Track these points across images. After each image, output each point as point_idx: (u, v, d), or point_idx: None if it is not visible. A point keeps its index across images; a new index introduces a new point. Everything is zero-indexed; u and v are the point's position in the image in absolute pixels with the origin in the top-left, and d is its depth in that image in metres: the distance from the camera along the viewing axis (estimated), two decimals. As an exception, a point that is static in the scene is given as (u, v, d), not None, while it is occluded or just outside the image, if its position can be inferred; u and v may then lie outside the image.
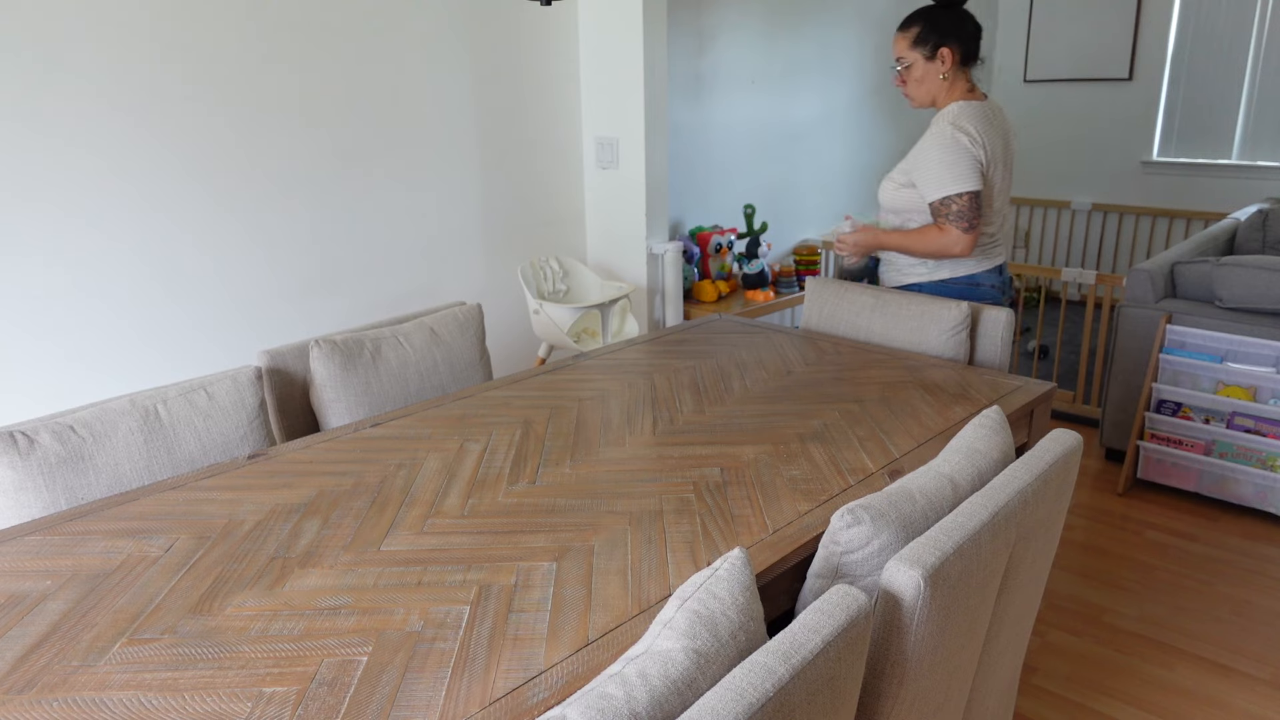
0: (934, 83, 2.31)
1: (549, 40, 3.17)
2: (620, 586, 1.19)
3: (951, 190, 2.17)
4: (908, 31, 2.29)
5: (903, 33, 2.30)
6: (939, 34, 2.26)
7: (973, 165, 2.17)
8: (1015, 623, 1.41)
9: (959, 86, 2.29)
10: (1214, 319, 3.03)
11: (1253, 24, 4.86)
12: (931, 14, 2.27)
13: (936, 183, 2.19)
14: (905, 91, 2.36)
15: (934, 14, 2.27)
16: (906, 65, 2.31)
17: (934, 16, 2.27)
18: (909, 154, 2.31)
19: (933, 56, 2.27)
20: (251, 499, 1.46)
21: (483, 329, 2.20)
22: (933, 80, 2.30)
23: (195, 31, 2.31)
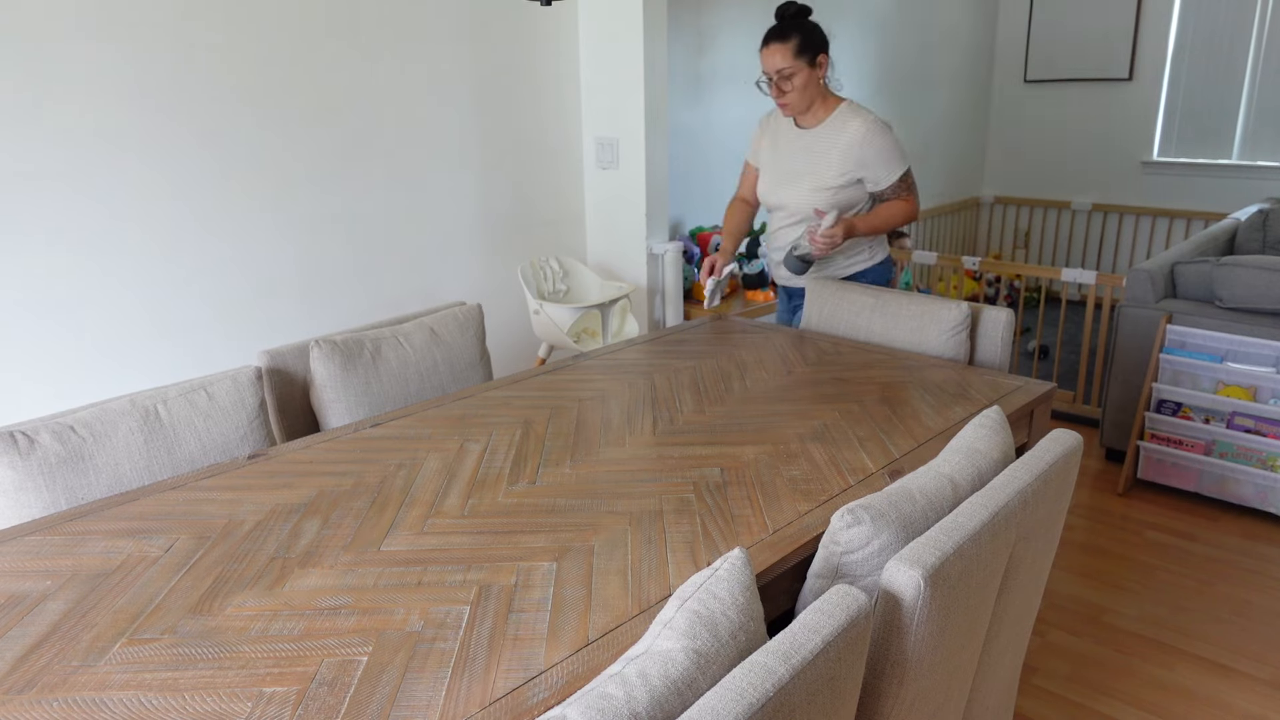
0: (815, 89, 2.38)
1: (549, 40, 3.17)
2: (620, 586, 1.19)
3: (902, 168, 2.39)
4: (787, 42, 2.30)
5: (781, 44, 2.30)
6: (816, 42, 2.32)
7: (902, 146, 2.42)
8: (1015, 623, 1.41)
9: (827, 89, 2.43)
10: (1214, 319, 3.03)
11: (1253, 24, 4.86)
12: (803, 24, 2.31)
13: (890, 167, 2.37)
14: (783, 100, 2.37)
15: (805, 24, 2.31)
16: (788, 75, 2.32)
17: (806, 26, 2.31)
18: (832, 159, 2.38)
19: (814, 64, 2.33)
20: (251, 499, 1.46)
21: (483, 329, 2.20)
22: (814, 87, 2.37)
23: (201, 31, 2.31)
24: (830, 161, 2.39)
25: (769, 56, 2.33)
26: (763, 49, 2.34)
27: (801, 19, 2.33)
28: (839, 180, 2.39)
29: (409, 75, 2.78)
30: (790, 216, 2.50)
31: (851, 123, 2.37)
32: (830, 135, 2.40)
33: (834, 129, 2.39)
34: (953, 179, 5.69)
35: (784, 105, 2.39)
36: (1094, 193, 5.61)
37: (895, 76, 4.90)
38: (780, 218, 2.54)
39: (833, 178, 2.39)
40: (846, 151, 2.37)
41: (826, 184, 2.40)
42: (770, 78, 2.35)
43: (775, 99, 2.39)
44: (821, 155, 2.40)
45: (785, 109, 2.41)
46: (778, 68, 2.32)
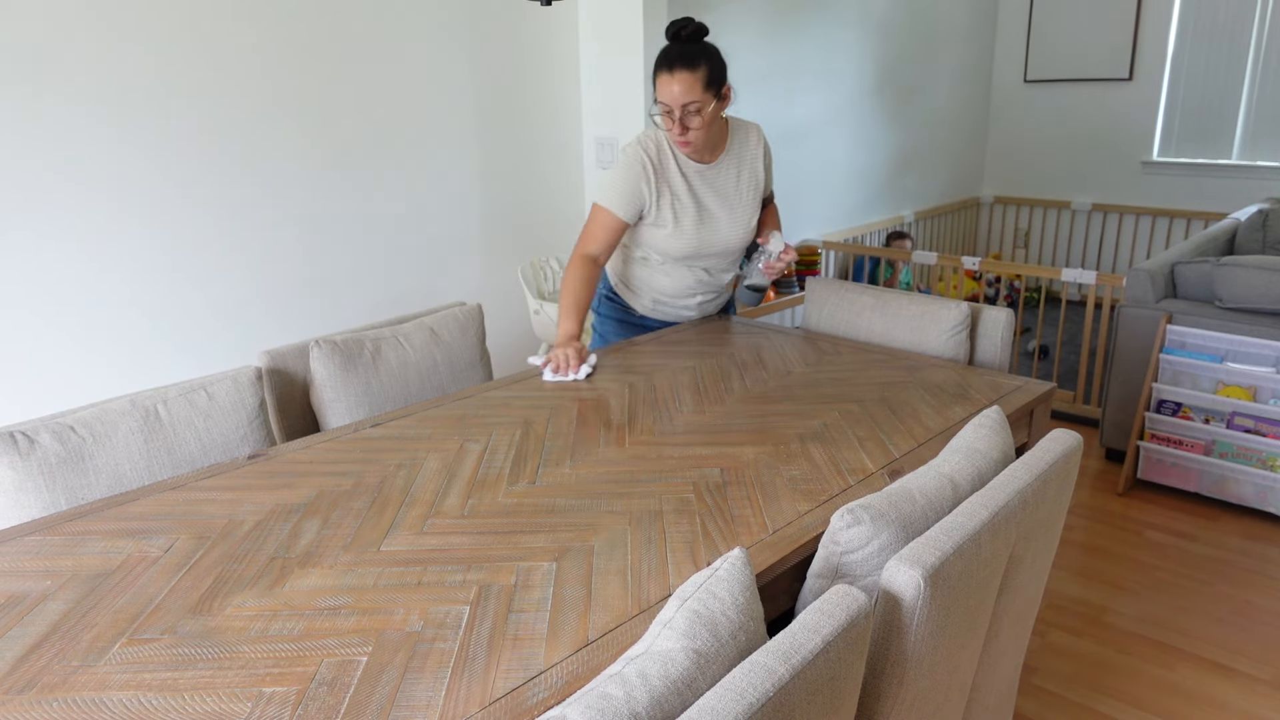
0: (720, 122, 2.12)
1: (549, 40, 3.17)
2: (620, 586, 1.19)
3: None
4: (696, 71, 1.95)
5: (689, 73, 1.95)
6: (723, 70, 2.02)
7: None
8: (1015, 623, 1.41)
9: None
10: (1214, 319, 3.03)
11: (1253, 24, 4.86)
12: (709, 49, 1.99)
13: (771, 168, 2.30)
14: (686, 139, 2.03)
15: (710, 49, 2.00)
16: (696, 110, 1.99)
17: (711, 52, 1.99)
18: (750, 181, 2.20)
19: (720, 96, 2.03)
20: (251, 499, 1.46)
21: (483, 329, 2.20)
22: (715, 124, 2.07)
23: (203, 31, 2.31)
24: (752, 184, 2.21)
25: (672, 84, 1.96)
26: (662, 75, 1.97)
27: (704, 41, 2.01)
28: (762, 197, 2.25)
29: (409, 76, 2.78)
30: (722, 260, 2.27)
31: (750, 135, 2.20)
32: (738, 158, 2.19)
33: (738, 151, 2.19)
34: (953, 179, 5.69)
35: (685, 144, 2.05)
36: (1094, 193, 5.61)
37: (895, 76, 4.90)
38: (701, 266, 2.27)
39: (757, 199, 2.23)
40: (755, 166, 2.21)
41: (756, 208, 2.23)
42: (670, 109, 1.99)
43: (676, 136, 2.03)
44: (744, 183, 2.20)
45: (686, 148, 2.07)
46: (684, 101, 1.97)
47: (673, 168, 2.13)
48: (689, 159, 2.14)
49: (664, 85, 1.97)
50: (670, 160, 2.13)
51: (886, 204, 5.12)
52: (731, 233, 2.21)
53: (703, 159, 2.15)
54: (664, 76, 1.97)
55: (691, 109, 1.98)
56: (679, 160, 2.13)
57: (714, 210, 2.18)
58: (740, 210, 2.20)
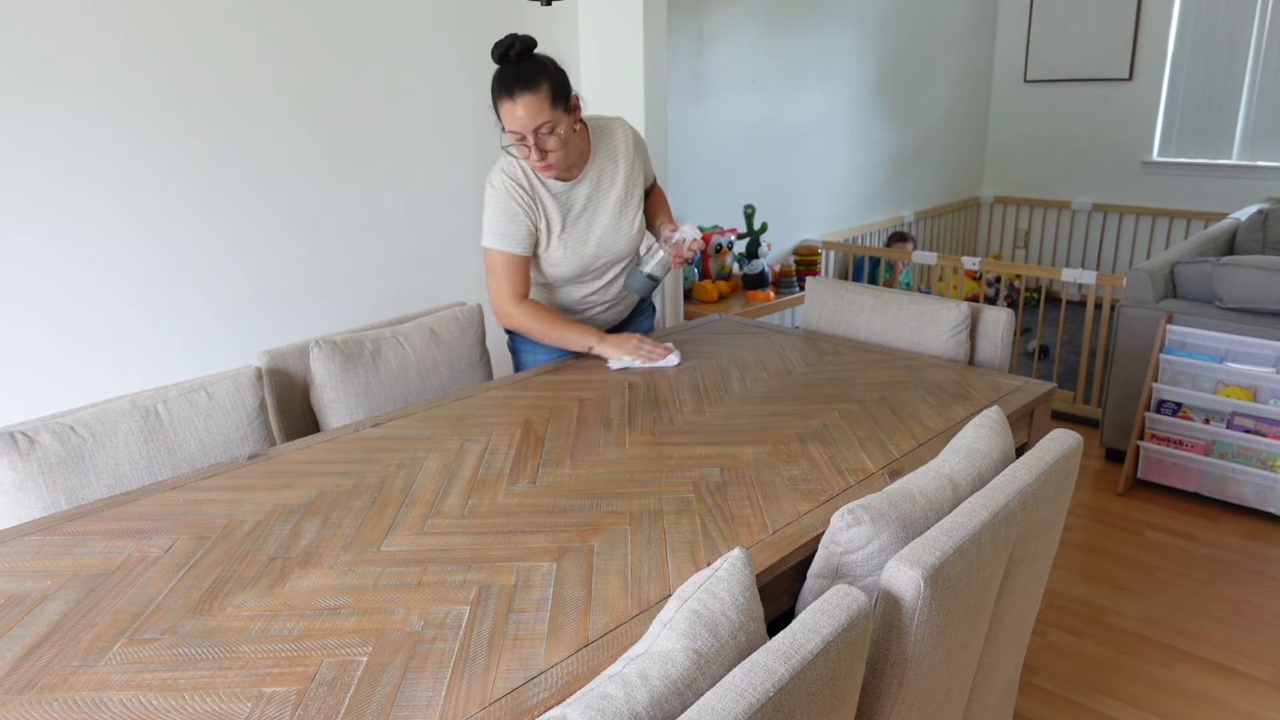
0: (574, 141, 1.97)
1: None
2: (620, 586, 1.19)
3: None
4: (538, 91, 1.82)
5: (531, 94, 1.82)
6: (565, 81, 1.91)
7: None
8: (1015, 623, 1.41)
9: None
10: (1214, 319, 3.03)
11: (1253, 24, 4.86)
12: (544, 64, 1.87)
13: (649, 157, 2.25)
14: (547, 163, 1.91)
15: (545, 63, 1.87)
16: (550, 130, 1.86)
17: (548, 66, 1.88)
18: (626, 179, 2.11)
19: (569, 109, 1.91)
20: (251, 499, 1.46)
21: (483, 329, 2.20)
22: (572, 139, 1.95)
23: (203, 31, 2.31)
24: (630, 182, 2.11)
25: (517, 111, 1.82)
26: (504, 103, 1.83)
27: (536, 56, 1.88)
28: (642, 191, 2.16)
29: (409, 75, 2.78)
30: (616, 267, 2.18)
31: (614, 133, 2.09)
32: (609, 159, 2.08)
33: (608, 152, 2.08)
34: (953, 179, 5.69)
35: (547, 168, 1.92)
36: (1094, 193, 5.61)
37: (895, 76, 4.90)
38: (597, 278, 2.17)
39: (641, 194, 2.14)
40: (633, 161, 2.12)
41: (639, 206, 2.14)
42: (523, 138, 1.86)
43: (535, 163, 1.90)
44: (621, 186, 2.10)
45: (549, 172, 1.94)
46: (535, 125, 1.84)
47: (543, 192, 2.02)
48: (554, 179, 2.03)
49: (508, 113, 1.84)
50: (538, 185, 2.02)
51: (886, 204, 5.12)
52: (618, 241, 2.13)
53: (569, 176, 2.04)
54: (506, 104, 1.84)
55: (544, 131, 1.86)
56: (546, 183, 2.03)
57: (596, 223, 2.08)
58: (624, 215, 2.12)
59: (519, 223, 2.00)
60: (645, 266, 2.11)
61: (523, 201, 2.00)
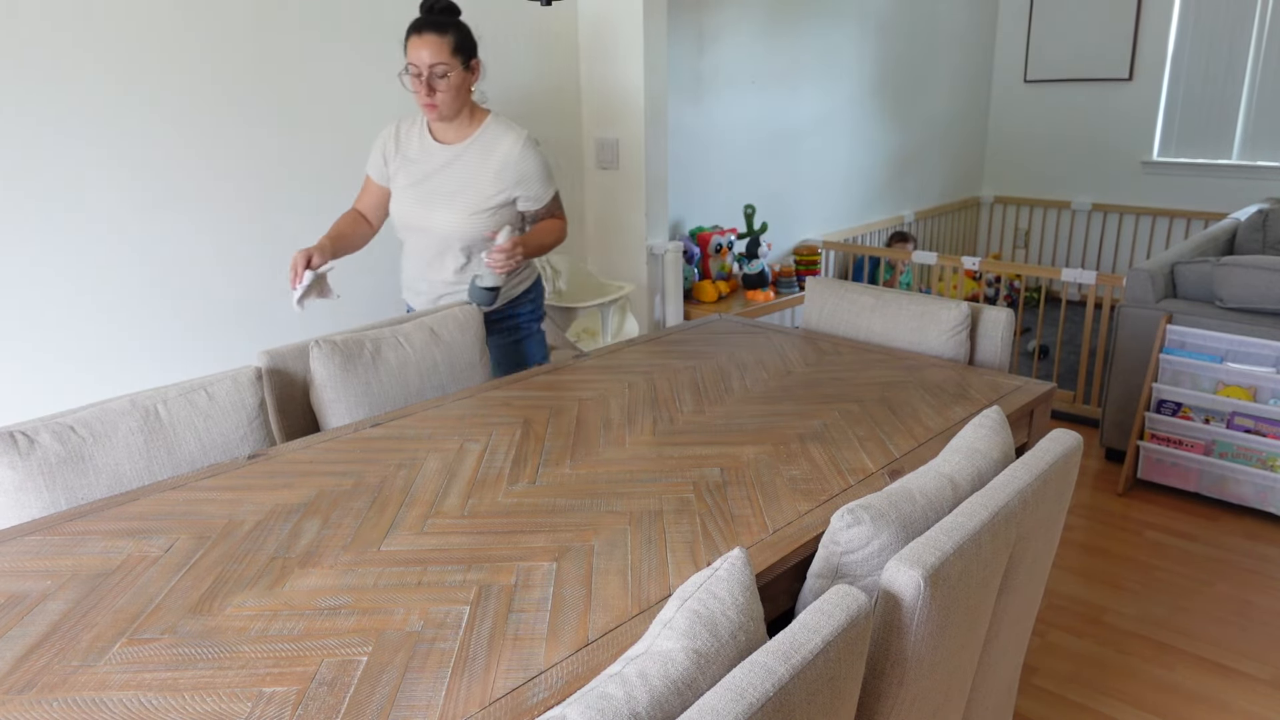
0: (465, 96, 2.16)
1: (549, 40, 3.17)
2: (620, 586, 1.19)
3: (555, 186, 2.28)
4: (444, 36, 2.06)
5: (438, 36, 2.05)
6: (471, 44, 2.13)
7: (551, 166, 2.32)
8: (1015, 623, 1.41)
9: (474, 103, 2.23)
10: (1214, 319, 3.03)
11: (1253, 24, 4.86)
12: (459, 24, 2.10)
13: (547, 185, 2.25)
14: (433, 101, 2.10)
15: (460, 23, 2.10)
16: (442, 73, 2.07)
17: (460, 26, 2.10)
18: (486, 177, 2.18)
19: (468, 67, 2.13)
20: (251, 499, 1.46)
21: (483, 329, 2.19)
22: (465, 93, 2.15)
23: (197, 34, 2.31)
24: (485, 180, 2.19)
25: (421, 48, 2.05)
26: (412, 38, 2.07)
27: (455, 16, 2.12)
28: (495, 200, 2.20)
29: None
30: (440, 242, 2.25)
31: (504, 139, 2.19)
32: (481, 150, 2.19)
33: (485, 145, 2.19)
34: (953, 179, 5.69)
35: (431, 107, 2.11)
36: (1094, 193, 5.61)
37: (895, 76, 4.90)
38: (423, 244, 2.28)
39: (488, 198, 2.20)
40: (502, 169, 2.18)
41: (482, 205, 2.20)
42: (420, 72, 2.07)
43: (422, 98, 2.10)
44: (473, 174, 2.19)
45: (432, 111, 2.12)
46: (431, 62, 2.06)
47: (415, 137, 2.23)
48: (432, 137, 2.21)
49: (413, 48, 2.05)
50: (416, 131, 2.24)
51: (886, 204, 5.12)
52: (448, 217, 2.20)
53: (446, 136, 2.21)
54: (413, 39, 2.06)
55: (438, 71, 2.06)
56: (424, 133, 2.23)
57: (445, 188, 2.19)
58: (465, 199, 2.19)
59: (377, 155, 2.28)
60: (480, 279, 2.14)
61: (389, 140, 2.26)
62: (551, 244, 2.29)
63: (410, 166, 2.23)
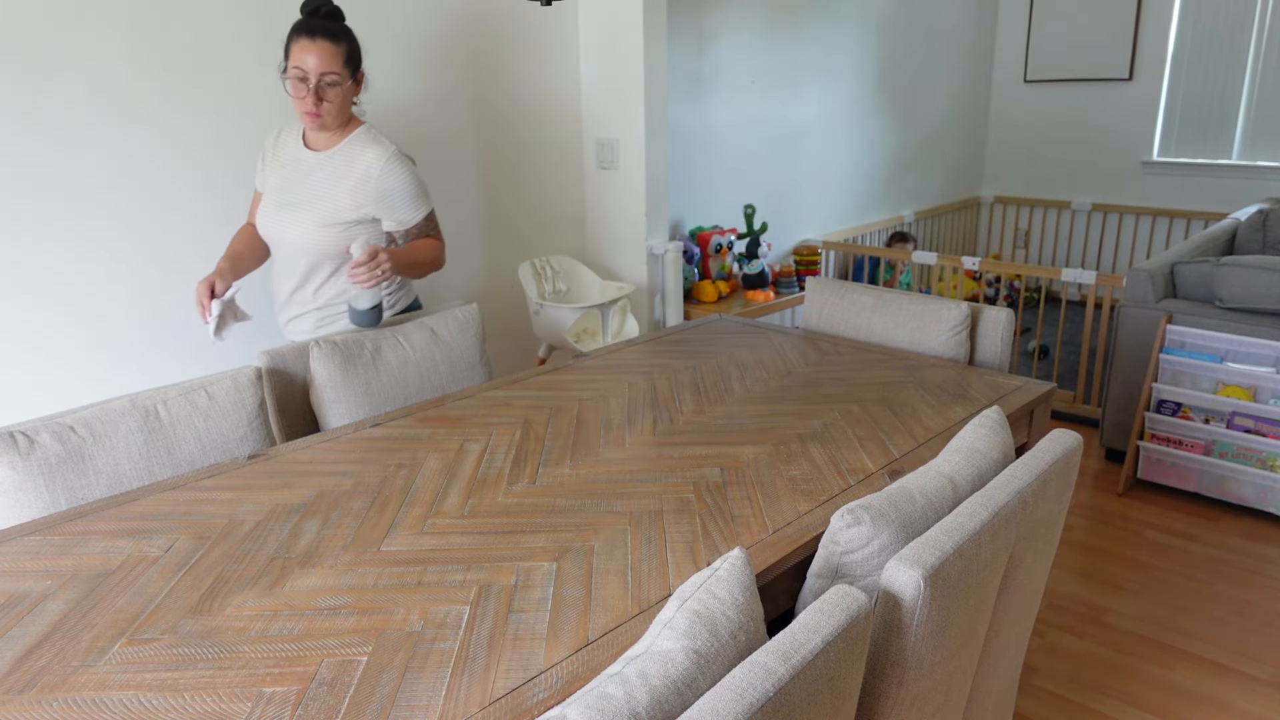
0: (348, 108, 2.04)
1: (549, 40, 3.17)
2: (620, 586, 1.19)
3: (427, 207, 2.11)
4: (338, 45, 1.94)
5: (332, 44, 1.93)
6: (360, 54, 2.02)
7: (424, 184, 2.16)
8: (1015, 623, 1.41)
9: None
10: (1214, 319, 3.03)
11: (1253, 24, 4.86)
12: (350, 32, 1.99)
13: (416, 205, 2.08)
14: (318, 111, 1.96)
15: (351, 32, 1.99)
16: (333, 83, 1.95)
17: (352, 34, 1.99)
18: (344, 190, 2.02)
19: (355, 78, 2.02)
20: (251, 499, 1.46)
21: (483, 329, 2.20)
22: (348, 105, 2.03)
23: (193, 34, 2.31)
24: (341, 193, 2.03)
25: (310, 53, 1.91)
26: (301, 40, 1.91)
27: (343, 21, 1.99)
28: (350, 216, 2.03)
29: (409, 75, 2.78)
30: (295, 253, 2.08)
31: (369, 151, 2.03)
32: (344, 162, 2.04)
33: (348, 155, 2.04)
34: (953, 179, 5.69)
35: (315, 116, 1.96)
36: (1094, 193, 5.61)
37: (895, 76, 4.90)
38: (279, 257, 2.13)
39: (345, 211, 2.03)
40: (362, 183, 2.02)
41: (337, 218, 2.03)
42: (305, 77, 1.93)
43: (306, 106, 1.95)
44: (332, 184, 2.03)
45: (315, 120, 1.98)
46: (322, 70, 1.92)
47: (291, 143, 2.10)
48: (305, 144, 2.09)
49: (301, 52, 1.91)
50: (293, 137, 2.10)
51: (886, 204, 5.12)
52: (302, 226, 2.04)
53: (318, 144, 2.08)
54: (303, 42, 1.91)
55: (328, 81, 1.95)
56: (299, 139, 2.10)
57: (301, 196, 2.05)
58: (318, 210, 2.03)
59: (258, 161, 2.20)
60: (354, 302, 2.00)
61: (265, 148, 2.16)
62: (428, 264, 2.11)
63: (279, 172, 2.10)
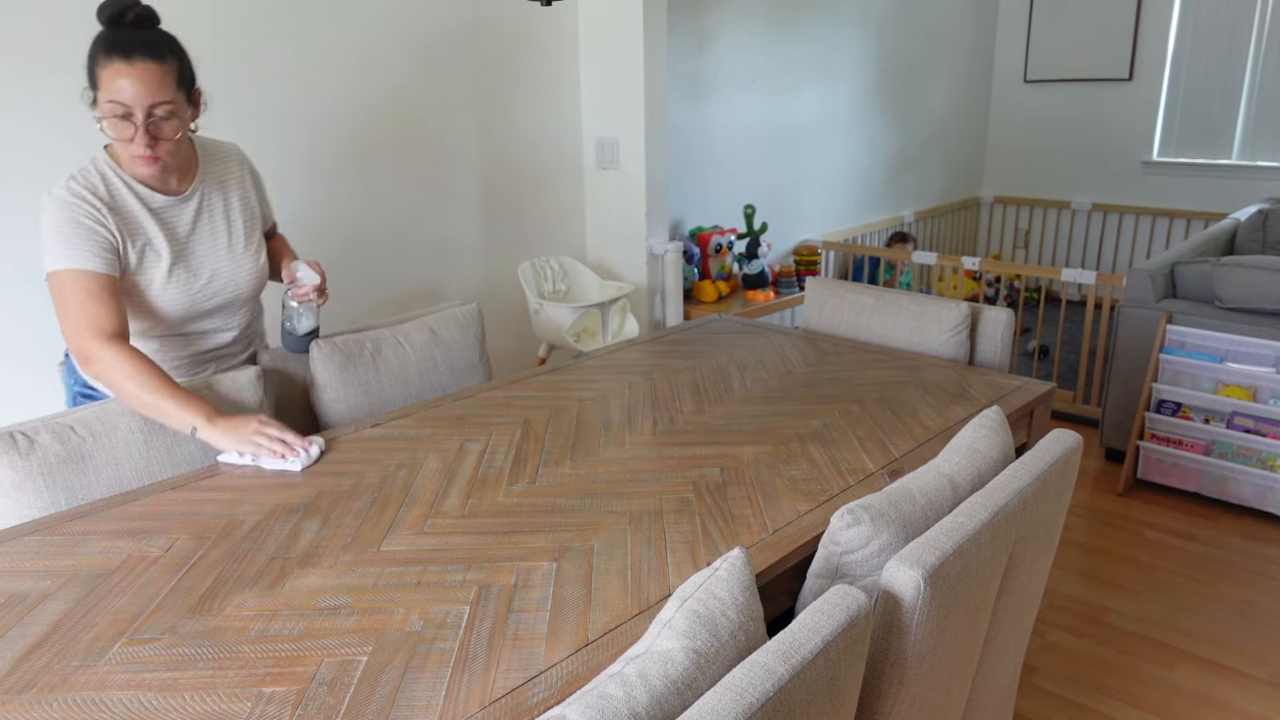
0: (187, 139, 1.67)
1: (549, 40, 3.17)
2: (620, 586, 1.19)
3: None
4: (165, 64, 1.50)
5: (158, 64, 1.50)
6: (193, 69, 1.60)
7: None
8: (1015, 623, 1.41)
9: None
10: (1214, 319, 3.03)
11: (1253, 24, 4.86)
12: (174, 42, 1.55)
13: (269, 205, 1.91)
14: (156, 153, 1.54)
15: (175, 41, 1.55)
16: (169, 114, 1.53)
17: (177, 45, 1.56)
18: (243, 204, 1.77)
19: (191, 101, 1.60)
20: (251, 499, 1.46)
21: (482, 329, 2.20)
22: (185, 132, 1.61)
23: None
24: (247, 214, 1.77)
25: (130, 80, 1.47)
26: (115, 65, 1.47)
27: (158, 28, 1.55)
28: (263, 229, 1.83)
29: (409, 75, 2.78)
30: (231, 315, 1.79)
31: (230, 159, 1.76)
32: (219, 184, 1.73)
33: (218, 175, 1.73)
34: (952, 179, 5.69)
35: (153, 160, 1.55)
36: (1094, 193, 5.61)
37: (895, 76, 4.90)
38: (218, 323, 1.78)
39: (259, 230, 1.80)
40: (245, 192, 1.78)
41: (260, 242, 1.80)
42: (128, 113, 1.49)
43: (137, 149, 1.52)
44: (234, 212, 1.75)
45: (152, 165, 1.56)
46: (152, 102, 1.50)
47: (132, 206, 1.60)
48: (151, 191, 1.62)
49: (115, 79, 1.47)
50: (126, 197, 1.60)
51: (886, 204, 5.12)
52: (238, 276, 1.74)
53: (170, 187, 1.65)
54: (118, 67, 1.47)
55: (161, 113, 1.52)
56: (138, 194, 1.61)
57: (211, 252, 1.71)
58: (241, 247, 1.75)
59: (91, 234, 1.54)
60: (297, 328, 1.86)
61: (98, 213, 1.56)
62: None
63: (153, 242, 1.63)
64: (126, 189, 1.60)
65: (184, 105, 1.57)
